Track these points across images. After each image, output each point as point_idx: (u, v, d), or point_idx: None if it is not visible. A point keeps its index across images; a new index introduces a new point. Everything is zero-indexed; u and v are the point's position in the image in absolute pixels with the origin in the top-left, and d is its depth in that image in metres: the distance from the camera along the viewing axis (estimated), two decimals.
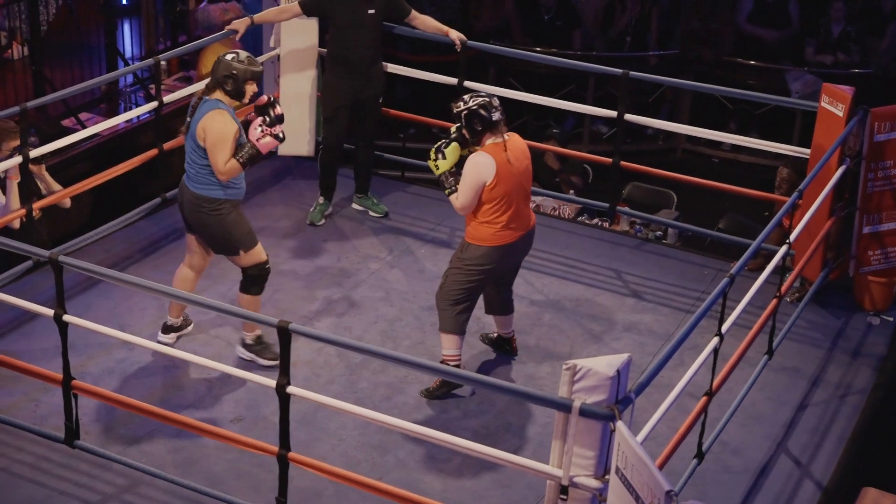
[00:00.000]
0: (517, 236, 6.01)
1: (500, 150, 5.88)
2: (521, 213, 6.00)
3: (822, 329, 7.03)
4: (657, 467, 3.94)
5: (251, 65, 6.11)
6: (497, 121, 5.92)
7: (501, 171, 5.84)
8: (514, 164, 5.89)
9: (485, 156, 5.86)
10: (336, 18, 7.51)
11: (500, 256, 6.02)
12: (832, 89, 6.98)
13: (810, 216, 6.54)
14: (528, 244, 6.18)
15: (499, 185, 5.85)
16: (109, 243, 7.47)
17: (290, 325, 4.91)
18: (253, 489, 5.47)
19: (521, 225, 6.02)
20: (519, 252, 6.15)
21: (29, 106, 6.65)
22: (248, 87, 6.10)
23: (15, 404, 5.97)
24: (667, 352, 4.84)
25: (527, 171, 6.02)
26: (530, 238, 6.16)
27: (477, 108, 5.90)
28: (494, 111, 5.92)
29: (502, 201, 5.89)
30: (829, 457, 5.96)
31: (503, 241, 5.98)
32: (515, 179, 5.91)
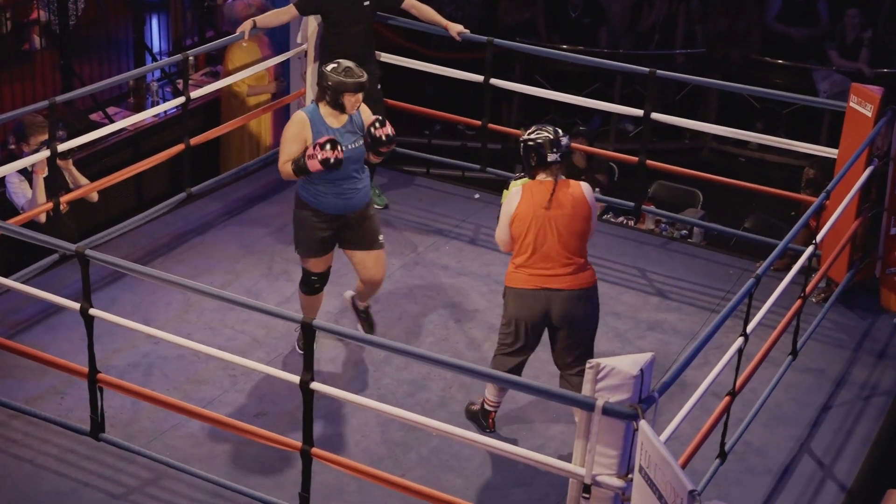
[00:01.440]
0: (554, 286, 5.53)
1: (539, 188, 5.56)
2: (553, 261, 5.53)
3: (847, 330, 7.00)
4: (680, 467, 3.93)
5: (348, 76, 5.94)
6: (551, 162, 5.55)
7: (524, 207, 5.54)
8: (548, 204, 5.51)
9: (517, 187, 5.61)
10: (332, 14, 7.51)
11: (526, 303, 5.56)
12: (861, 89, 6.94)
13: (837, 216, 6.51)
14: (567, 306, 5.54)
15: (518, 220, 5.57)
16: (135, 237, 7.51)
17: (315, 321, 4.92)
18: (276, 484, 5.49)
19: (555, 277, 5.53)
20: (553, 311, 5.54)
21: (57, 100, 6.68)
22: (345, 98, 5.94)
23: (41, 397, 6.01)
24: (691, 351, 4.82)
25: (571, 219, 5.54)
26: (572, 301, 5.54)
27: (534, 143, 5.56)
28: (553, 152, 5.55)
29: (523, 240, 5.56)
30: (854, 458, 5.93)
31: (522, 284, 5.57)
32: (546, 222, 5.51)
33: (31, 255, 6.88)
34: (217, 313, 6.74)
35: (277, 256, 7.44)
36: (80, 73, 9.15)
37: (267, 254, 7.47)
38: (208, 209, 7.96)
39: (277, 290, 7.06)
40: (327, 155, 5.79)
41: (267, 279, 7.19)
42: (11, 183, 7.05)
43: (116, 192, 8.14)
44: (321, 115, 6.00)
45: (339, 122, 6.02)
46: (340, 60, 6.05)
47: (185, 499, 5.43)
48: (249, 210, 8.02)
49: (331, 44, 7.59)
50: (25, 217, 6.78)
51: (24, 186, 7.04)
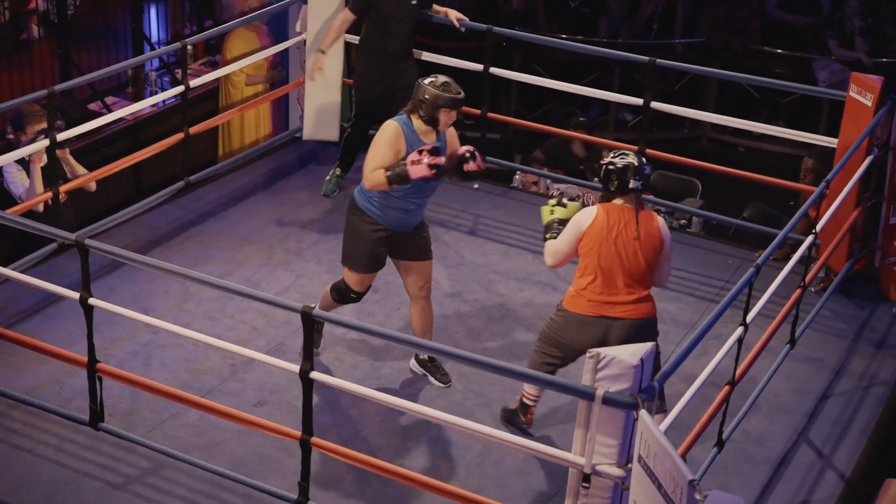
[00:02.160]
0: (604, 313, 5.41)
1: (615, 211, 5.42)
2: (616, 290, 5.42)
3: (846, 319, 7.00)
4: (679, 456, 3.93)
5: (445, 90, 5.72)
6: (633, 189, 5.41)
7: (597, 227, 5.39)
8: (621, 231, 5.39)
9: (591, 209, 5.46)
10: (381, 11, 7.49)
11: (583, 328, 5.45)
12: (860, 79, 6.94)
13: (837, 206, 6.50)
14: (625, 336, 5.38)
15: (587, 239, 5.40)
16: (134, 227, 7.50)
17: (314, 310, 4.92)
18: (275, 473, 5.49)
19: (616, 305, 5.42)
20: (610, 339, 5.39)
21: (56, 89, 6.67)
22: (441, 113, 5.73)
23: (40, 386, 6.01)
24: (690, 341, 4.83)
25: (644, 252, 5.41)
26: (630, 330, 5.41)
27: (617, 168, 5.42)
28: (636, 179, 5.41)
29: (591, 263, 5.41)
30: (852, 448, 5.94)
31: (582, 310, 5.44)
32: (616, 247, 5.38)
33: (29, 244, 6.88)
34: (216, 303, 6.74)
35: (277, 246, 7.43)
36: (78, 63, 9.13)
37: (266, 243, 7.47)
38: (207, 198, 7.96)
39: (277, 279, 7.06)
40: (436, 161, 5.61)
41: (266, 269, 7.19)
42: (9, 172, 7.04)
43: (115, 181, 8.14)
44: (414, 128, 5.78)
45: (430, 139, 5.81)
46: (438, 75, 5.82)
47: (184, 488, 5.44)
48: (249, 199, 8.02)
49: (373, 41, 7.56)
50: (23, 207, 6.77)
51: (22, 176, 7.03)
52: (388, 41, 7.52)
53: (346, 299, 6.12)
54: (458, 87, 5.78)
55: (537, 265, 7.34)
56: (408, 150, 5.72)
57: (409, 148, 5.73)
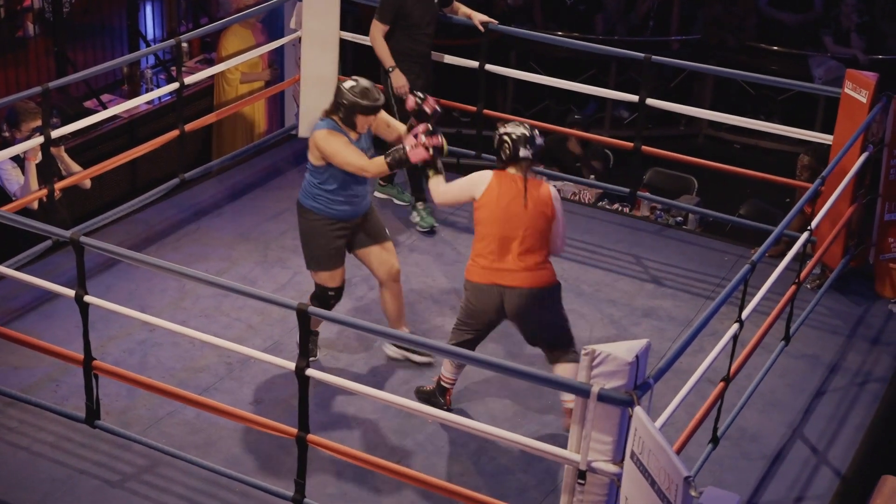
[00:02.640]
0: (507, 283, 5.54)
1: (507, 180, 5.57)
2: (509, 258, 5.54)
3: (842, 316, 7.01)
4: (675, 453, 3.94)
5: (364, 97, 5.80)
6: (523, 157, 5.56)
7: (490, 197, 5.54)
8: (513, 200, 5.52)
9: (487, 173, 5.61)
10: (411, 17, 7.48)
11: (481, 297, 5.59)
12: (856, 75, 6.94)
13: (832, 203, 6.51)
14: (518, 304, 5.56)
15: (482, 208, 5.55)
16: (129, 224, 7.50)
17: (310, 307, 4.92)
18: (272, 471, 5.50)
19: (508, 273, 5.54)
20: (506, 307, 5.58)
21: (51, 86, 6.67)
22: (358, 119, 5.83)
23: (36, 384, 6.01)
24: (686, 338, 4.83)
25: (535, 220, 5.54)
26: (524, 299, 5.56)
27: (507, 137, 5.59)
28: (526, 148, 5.56)
29: (484, 231, 5.55)
30: (848, 444, 5.95)
31: (479, 279, 5.58)
32: (508, 217, 5.51)
33: (23, 241, 6.87)
34: (212, 300, 6.74)
35: (273, 244, 7.43)
36: (73, 60, 9.13)
37: (262, 241, 7.47)
38: (203, 196, 7.95)
39: (273, 277, 7.06)
40: (436, 142, 5.77)
41: (262, 266, 7.19)
42: (3, 169, 7.04)
43: (111, 178, 8.14)
44: (341, 129, 5.88)
45: (352, 137, 5.94)
46: (358, 79, 5.89)
47: (180, 486, 5.44)
48: (244, 197, 8.02)
49: (404, 46, 7.52)
50: (18, 204, 6.77)
51: (17, 173, 7.03)
52: (418, 45, 7.55)
53: (327, 302, 6.11)
54: (377, 93, 5.86)
55: None
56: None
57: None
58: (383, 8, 7.50)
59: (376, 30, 7.52)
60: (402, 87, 7.54)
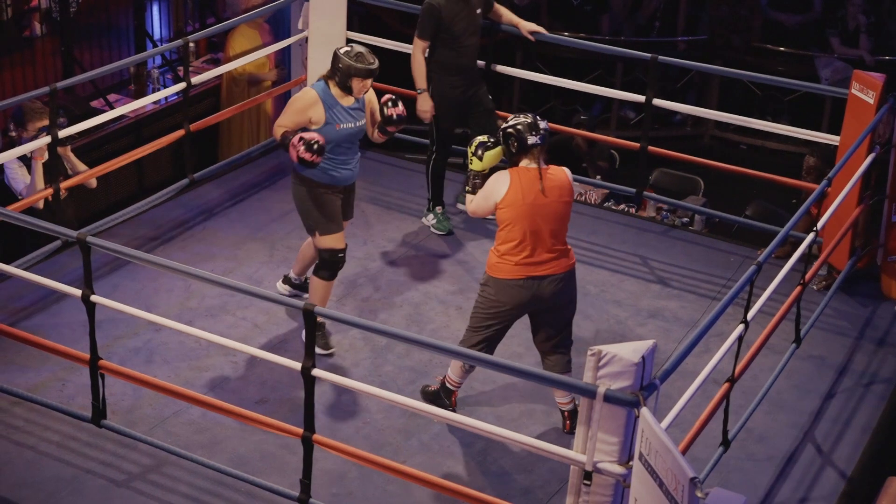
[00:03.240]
0: (539, 273, 5.59)
1: (526, 175, 5.57)
2: (540, 250, 5.58)
3: (848, 318, 7.00)
4: (681, 454, 3.93)
5: (358, 61, 6.03)
6: (532, 144, 5.56)
7: (513, 195, 5.54)
8: (537, 193, 5.54)
9: (505, 174, 5.59)
10: (454, 29, 7.25)
11: (513, 294, 5.60)
12: (863, 76, 6.93)
13: (838, 204, 6.50)
14: (553, 291, 5.62)
15: (508, 208, 5.56)
16: (136, 224, 7.50)
17: (316, 307, 4.93)
18: (277, 470, 5.50)
19: (548, 262, 5.60)
20: (547, 294, 5.62)
21: (58, 86, 6.67)
22: (353, 82, 6.05)
23: (42, 383, 6.02)
24: (692, 339, 4.82)
25: (557, 207, 5.59)
26: (558, 285, 5.63)
27: (513, 129, 5.58)
28: (533, 135, 5.57)
29: (512, 228, 5.57)
30: (854, 446, 5.94)
31: (509, 275, 5.59)
32: (533, 210, 5.54)
33: (30, 241, 6.88)
34: (218, 300, 6.74)
35: (279, 243, 7.44)
36: (80, 60, 9.14)
37: (268, 241, 7.47)
38: (210, 196, 7.96)
39: (279, 276, 7.06)
40: (307, 157, 5.91)
41: (268, 266, 7.19)
42: (10, 169, 7.05)
43: (117, 178, 8.15)
44: (332, 94, 6.11)
45: (348, 102, 6.14)
46: (354, 45, 6.17)
47: (186, 485, 5.44)
48: (251, 197, 8.02)
49: (448, 59, 7.32)
50: (25, 203, 6.78)
51: (23, 172, 7.04)
52: (462, 57, 7.33)
53: (336, 267, 6.26)
54: (372, 58, 6.09)
55: None
56: (326, 112, 6.06)
57: (328, 110, 6.06)
58: (423, 24, 7.28)
59: (416, 47, 7.34)
60: (425, 112, 7.42)
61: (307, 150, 5.90)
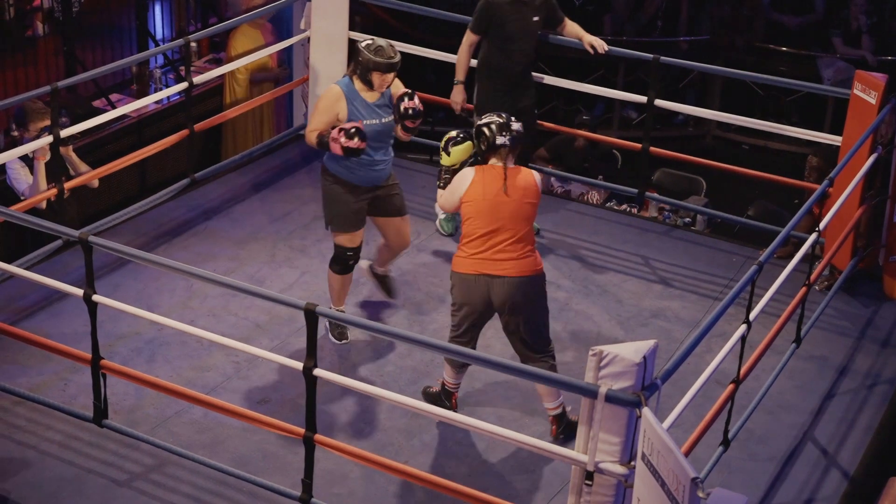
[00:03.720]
0: (496, 272, 5.54)
1: (490, 172, 5.59)
2: (498, 249, 5.56)
3: (850, 318, 7.00)
4: (683, 454, 3.93)
5: (377, 54, 6.00)
6: (500, 145, 5.58)
7: (474, 191, 5.57)
8: (498, 190, 5.54)
9: (470, 170, 5.65)
10: (505, 29, 7.15)
11: (468, 289, 5.60)
12: (865, 77, 6.93)
13: (841, 204, 6.50)
14: (508, 293, 5.55)
15: (469, 203, 5.58)
16: (138, 224, 7.51)
17: (318, 307, 4.93)
18: (279, 470, 5.50)
19: (508, 262, 5.56)
20: (494, 297, 5.57)
21: (60, 86, 6.67)
22: (374, 76, 6.02)
23: (44, 383, 6.02)
24: (694, 339, 4.82)
25: (519, 207, 5.57)
26: (514, 288, 5.54)
27: (485, 128, 5.62)
28: (503, 135, 5.59)
29: (472, 222, 5.58)
30: (856, 446, 5.94)
31: (464, 269, 5.61)
32: (494, 209, 5.53)
33: (32, 241, 6.88)
34: (220, 300, 6.74)
35: (281, 243, 7.44)
36: (82, 60, 9.14)
37: (270, 240, 7.47)
38: (211, 195, 7.96)
39: (280, 276, 7.07)
40: (351, 144, 5.91)
41: (270, 266, 7.19)
42: (12, 169, 7.05)
43: (120, 178, 8.14)
44: (356, 89, 6.10)
45: (373, 98, 6.13)
46: (376, 38, 6.14)
47: (188, 485, 5.44)
48: (253, 197, 8.02)
49: (495, 61, 7.20)
50: (27, 203, 6.78)
51: (25, 172, 7.04)
52: (510, 60, 7.21)
53: (346, 263, 6.33)
54: (393, 52, 6.06)
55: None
56: (349, 108, 6.05)
57: (350, 106, 6.06)
58: (477, 17, 7.20)
59: (466, 39, 7.28)
60: (456, 103, 7.44)
61: (348, 138, 5.91)
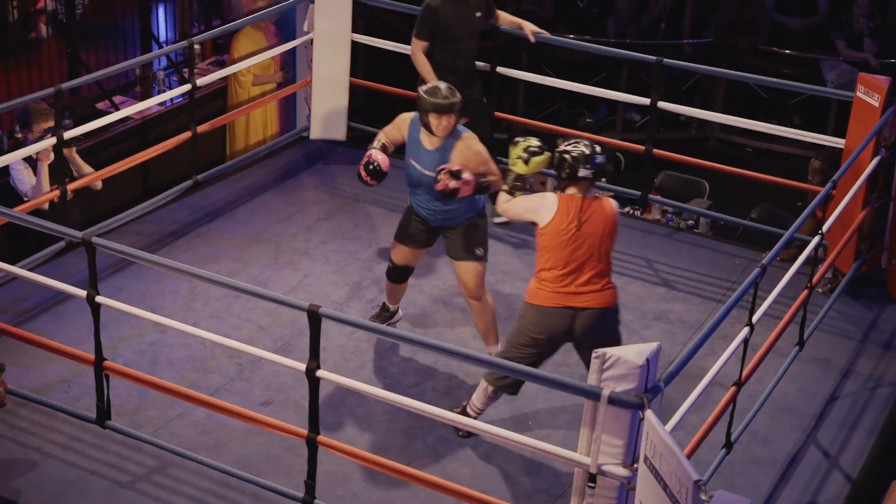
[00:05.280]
0: (577, 304, 5.44)
1: (572, 203, 5.43)
2: (579, 281, 5.44)
3: (853, 321, 6.99)
4: (685, 457, 3.93)
5: (431, 95, 5.80)
6: (582, 177, 5.41)
7: (557, 223, 5.42)
8: (581, 223, 5.41)
9: (553, 199, 5.47)
10: (451, 31, 7.25)
11: (549, 320, 5.46)
12: (868, 79, 6.93)
13: (844, 207, 6.50)
14: (588, 325, 5.47)
15: (548, 234, 5.44)
16: (141, 225, 7.51)
17: (321, 309, 4.93)
18: (282, 472, 5.50)
19: (578, 295, 5.45)
20: (575, 329, 5.48)
21: (63, 87, 6.68)
22: (431, 118, 5.81)
23: (47, 385, 6.03)
24: (697, 341, 4.82)
25: (601, 238, 5.45)
26: (594, 320, 5.47)
27: (568, 156, 5.44)
28: (585, 167, 5.42)
29: (552, 255, 5.43)
30: (859, 449, 5.93)
31: (546, 302, 5.45)
32: (576, 242, 5.41)
33: (35, 242, 6.89)
34: (223, 301, 6.75)
35: (284, 245, 7.44)
36: (86, 62, 9.15)
37: (273, 242, 7.48)
38: (215, 197, 7.97)
39: (284, 278, 7.07)
40: (361, 173, 5.99)
41: (273, 268, 7.20)
42: (15, 170, 7.05)
43: (123, 180, 8.14)
44: (419, 127, 5.97)
45: (431, 144, 5.94)
46: (436, 83, 5.99)
47: (191, 487, 5.45)
48: (256, 198, 8.03)
49: (445, 61, 7.29)
50: (30, 205, 6.79)
51: (29, 174, 7.05)
52: (457, 59, 7.32)
53: (390, 273, 6.40)
54: (449, 93, 5.83)
55: None
56: (408, 141, 6.02)
57: (411, 138, 6.01)
58: (421, 24, 7.28)
59: (416, 47, 7.33)
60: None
61: (365, 166, 5.96)
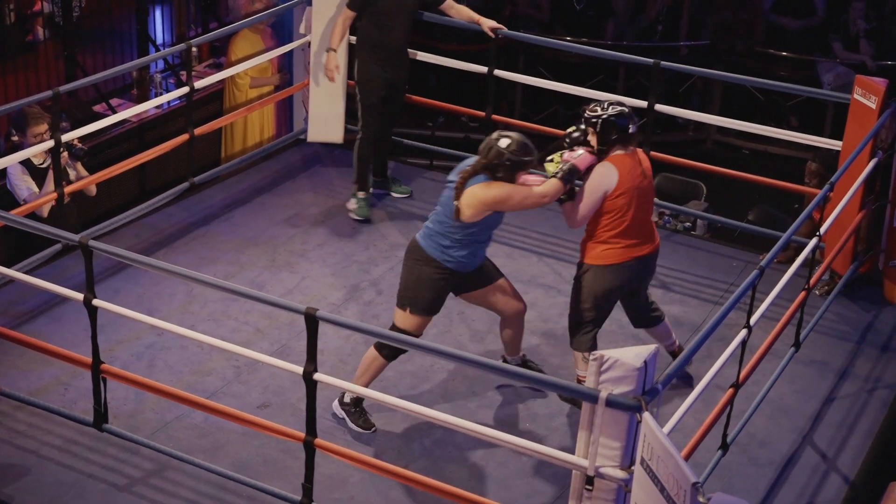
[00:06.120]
0: (642, 253, 5.79)
1: (628, 161, 5.67)
2: (645, 229, 5.81)
3: (851, 322, 6.99)
4: (683, 459, 3.93)
5: (526, 154, 5.54)
6: (633, 133, 5.68)
7: (624, 180, 5.63)
8: (638, 178, 5.70)
9: (608, 166, 5.63)
10: (380, 5, 7.45)
11: (622, 274, 5.79)
12: (865, 81, 6.93)
13: (841, 209, 6.50)
14: (653, 263, 5.96)
15: (622, 196, 5.64)
16: (138, 228, 7.51)
17: (318, 312, 4.93)
18: (279, 475, 5.50)
19: (646, 240, 5.82)
20: (645, 271, 5.92)
21: (61, 90, 6.68)
22: (519, 176, 5.57)
23: (45, 388, 6.02)
24: (694, 343, 4.83)
25: (650, 186, 5.84)
26: (656, 256, 5.93)
27: (616, 119, 5.63)
28: (632, 123, 5.68)
29: (624, 214, 5.65)
30: (857, 451, 5.93)
31: (616, 259, 5.74)
32: (640, 197, 5.71)
33: (32, 246, 6.88)
34: (220, 304, 6.74)
35: (281, 248, 7.44)
36: (83, 65, 9.15)
37: (270, 245, 7.47)
38: (211, 200, 7.96)
39: (281, 281, 7.07)
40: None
41: (270, 270, 7.19)
42: (13, 175, 7.05)
43: (120, 183, 8.15)
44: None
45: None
46: (509, 135, 5.57)
47: (188, 490, 5.44)
48: (253, 201, 8.02)
49: (373, 37, 7.52)
50: (27, 208, 6.78)
51: (27, 179, 7.04)
52: (388, 36, 7.50)
53: (400, 351, 5.75)
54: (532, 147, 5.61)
55: (542, 267, 7.34)
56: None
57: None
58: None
59: (343, 13, 7.56)
60: (329, 70, 7.71)
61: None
